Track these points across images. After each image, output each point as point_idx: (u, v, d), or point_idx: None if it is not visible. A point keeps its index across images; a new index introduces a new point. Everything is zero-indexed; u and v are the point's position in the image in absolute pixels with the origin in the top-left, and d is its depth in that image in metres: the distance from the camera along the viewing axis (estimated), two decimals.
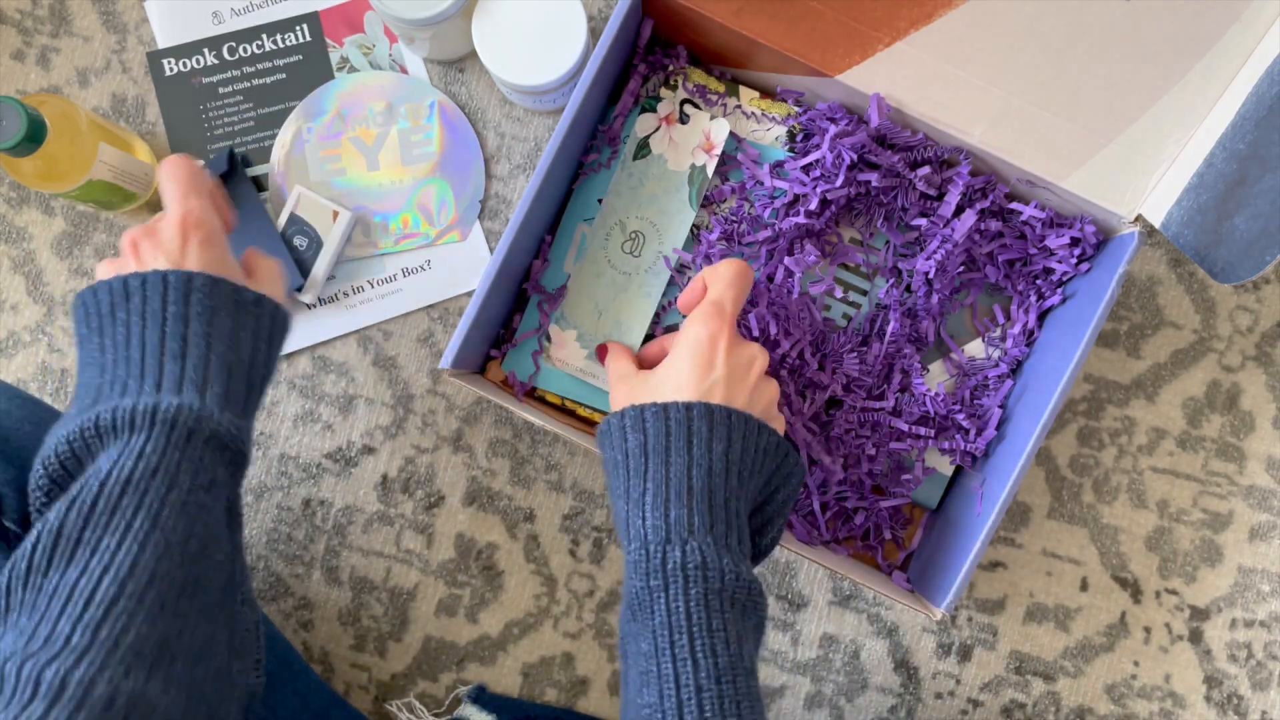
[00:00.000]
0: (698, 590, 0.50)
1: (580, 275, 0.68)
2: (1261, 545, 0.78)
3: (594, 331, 0.68)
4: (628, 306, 0.68)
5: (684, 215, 0.66)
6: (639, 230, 0.67)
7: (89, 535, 0.46)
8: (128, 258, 0.56)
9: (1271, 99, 0.60)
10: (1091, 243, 0.68)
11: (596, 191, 0.72)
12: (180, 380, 0.52)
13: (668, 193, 0.67)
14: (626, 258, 0.67)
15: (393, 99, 0.79)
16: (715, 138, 0.65)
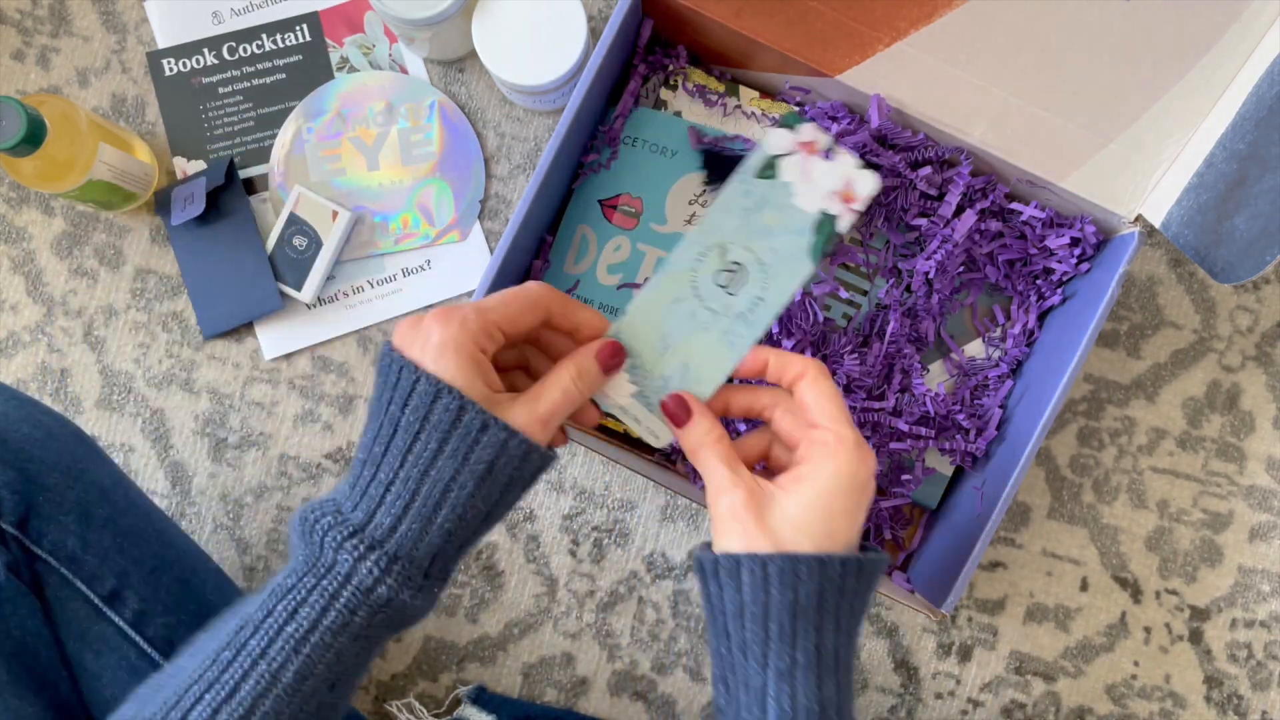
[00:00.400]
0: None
1: (653, 292, 0.53)
2: (1261, 545, 0.78)
3: (652, 367, 0.53)
4: (703, 352, 0.53)
5: (799, 266, 0.53)
6: (742, 263, 0.53)
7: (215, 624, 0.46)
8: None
9: (1271, 99, 0.60)
10: (1091, 243, 0.68)
11: (597, 192, 0.72)
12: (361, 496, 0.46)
13: (787, 232, 0.53)
14: (718, 291, 0.53)
15: (393, 99, 0.79)
16: (859, 189, 0.52)
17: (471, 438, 0.45)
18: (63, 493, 0.58)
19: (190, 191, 0.76)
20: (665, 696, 0.78)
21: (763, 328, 0.53)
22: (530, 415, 0.46)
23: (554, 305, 0.49)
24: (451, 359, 0.45)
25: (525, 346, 0.52)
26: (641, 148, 0.72)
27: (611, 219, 0.72)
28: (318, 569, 0.44)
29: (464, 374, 0.45)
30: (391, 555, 0.44)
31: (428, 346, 0.45)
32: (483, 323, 0.46)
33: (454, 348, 0.45)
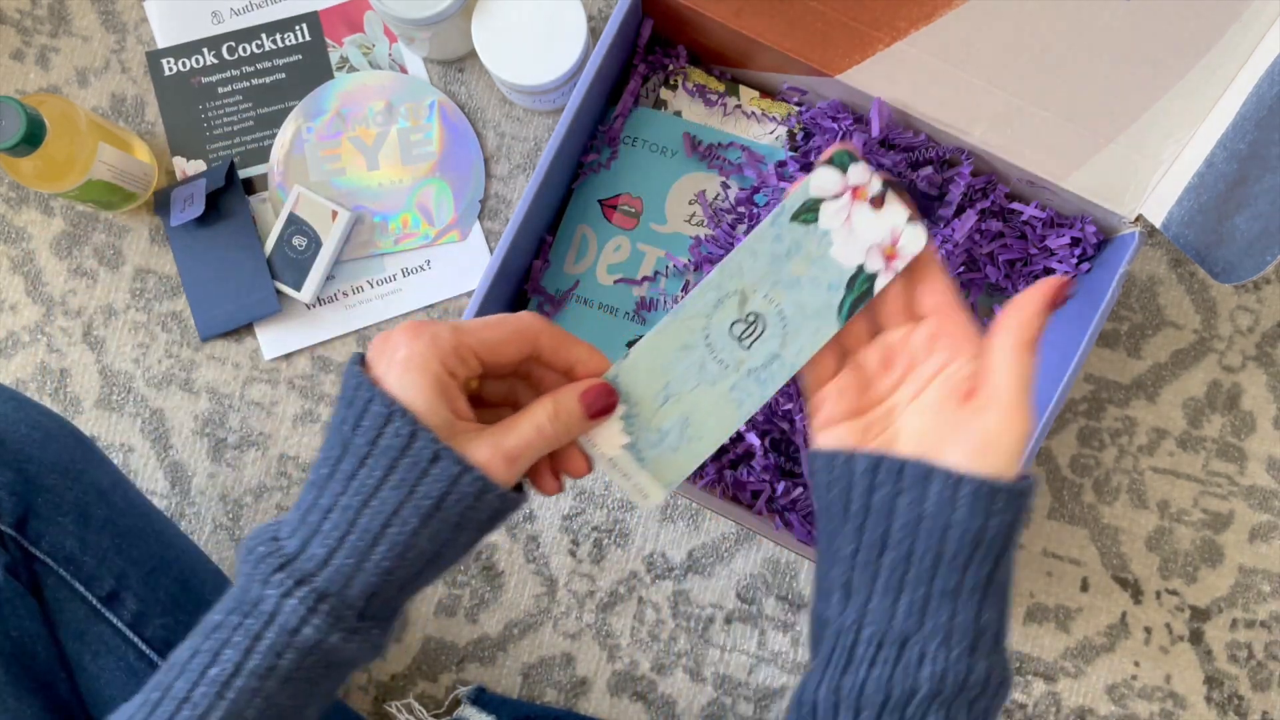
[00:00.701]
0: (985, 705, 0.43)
1: (661, 335, 0.48)
2: (1262, 545, 0.78)
3: (649, 419, 0.48)
4: (707, 407, 0.48)
5: (824, 325, 0.47)
6: (761, 314, 0.48)
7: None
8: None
9: (1272, 99, 0.59)
10: (1092, 243, 0.68)
11: (597, 192, 0.72)
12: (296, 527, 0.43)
13: (817, 285, 0.47)
14: (732, 343, 0.48)
15: (392, 99, 0.79)
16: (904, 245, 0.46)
17: (420, 469, 0.41)
18: (61, 494, 0.58)
19: (190, 192, 0.76)
20: (665, 697, 0.78)
21: (775, 388, 0.48)
22: (494, 450, 0.42)
23: (545, 338, 0.45)
24: (415, 378, 0.41)
25: (515, 381, 0.47)
26: (641, 147, 0.72)
27: (611, 219, 0.72)
28: (243, 605, 0.41)
29: (424, 397, 0.41)
30: (320, 592, 0.41)
31: (393, 362, 0.41)
32: (456, 343, 0.42)
33: (419, 366, 0.41)
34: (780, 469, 0.70)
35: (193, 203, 0.76)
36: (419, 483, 0.41)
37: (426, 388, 0.41)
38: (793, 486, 0.69)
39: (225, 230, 0.77)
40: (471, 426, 0.42)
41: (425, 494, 0.41)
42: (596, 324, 0.72)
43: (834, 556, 0.45)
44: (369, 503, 0.41)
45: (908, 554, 0.43)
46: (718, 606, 0.78)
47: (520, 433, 0.43)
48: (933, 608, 0.43)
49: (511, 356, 0.44)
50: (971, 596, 0.43)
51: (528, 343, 0.44)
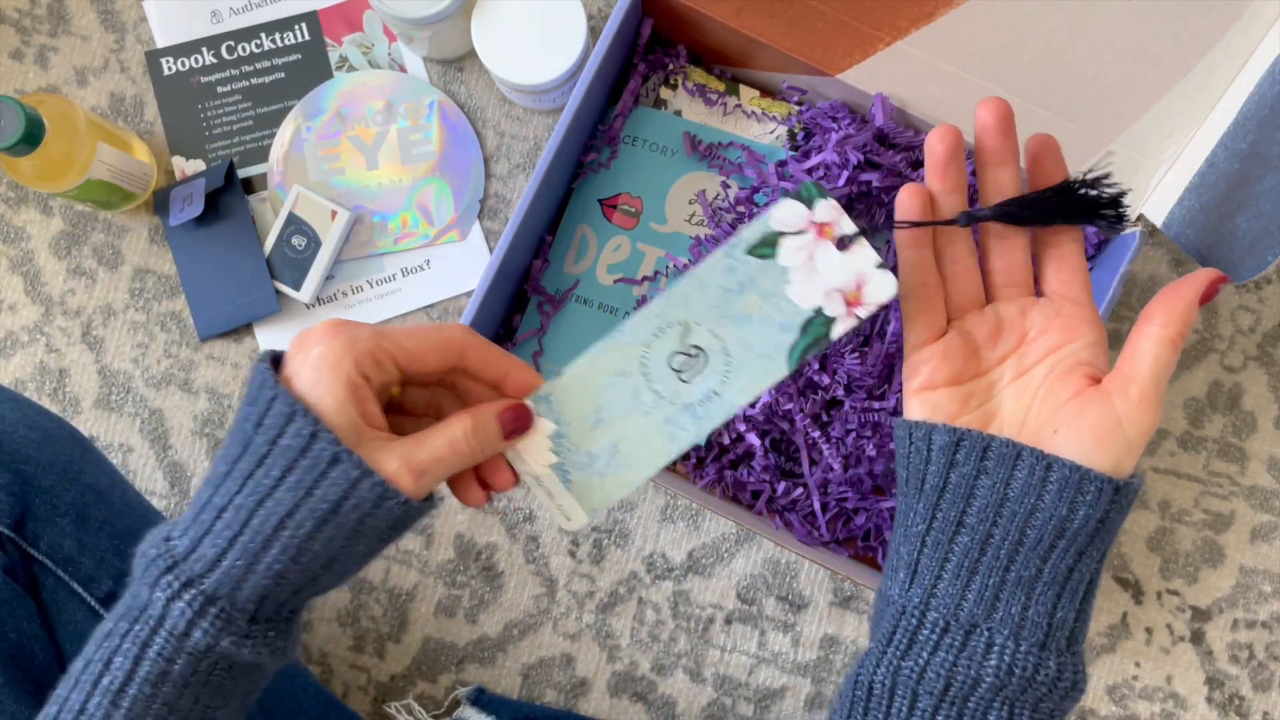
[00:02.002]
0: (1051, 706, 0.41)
1: (595, 359, 0.46)
2: (1263, 546, 0.78)
3: (578, 440, 0.46)
4: (639, 437, 0.46)
5: (771, 368, 0.45)
6: (704, 349, 0.46)
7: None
8: None
9: (1273, 98, 0.59)
10: (1093, 242, 0.68)
11: (597, 192, 0.72)
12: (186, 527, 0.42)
13: (768, 325, 0.45)
14: (670, 375, 0.46)
15: (392, 98, 0.79)
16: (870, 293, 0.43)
17: (319, 471, 0.39)
18: (59, 494, 0.58)
19: (189, 192, 0.76)
20: (665, 697, 0.78)
21: (712, 425, 0.46)
22: (403, 462, 0.40)
23: (472, 352, 0.43)
24: (326, 377, 0.40)
25: (440, 392, 0.46)
26: (641, 147, 0.72)
27: (611, 218, 0.72)
28: (132, 611, 0.40)
29: (333, 398, 0.39)
30: (209, 595, 0.40)
31: (306, 360, 0.40)
32: (375, 347, 0.41)
33: (331, 365, 0.40)
34: (780, 469, 0.70)
35: (192, 202, 0.76)
36: (316, 485, 0.39)
37: (337, 389, 0.40)
38: (793, 487, 0.69)
39: (224, 230, 0.77)
40: (383, 434, 0.41)
41: (322, 497, 0.39)
42: (596, 323, 0.72)
43: (905, 534, 0.43)
44: (263, 503, 0.39)
45: (984, 538, 0.41)
46: (718, 607, 0.78)
47: (432, 446, 0.41)
48: (1005, 596, 0.41)
49: (434, 366, 0.43)
50: (1049, 589, 0.41)
51: (452, 354, 0.43)
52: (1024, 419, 0.43)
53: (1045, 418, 0.42)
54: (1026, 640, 0.40)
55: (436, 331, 0.43)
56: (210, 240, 0.78)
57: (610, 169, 0.72)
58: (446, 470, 0.42)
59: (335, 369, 0.40)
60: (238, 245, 0.77)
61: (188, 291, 0.78)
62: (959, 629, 0.41)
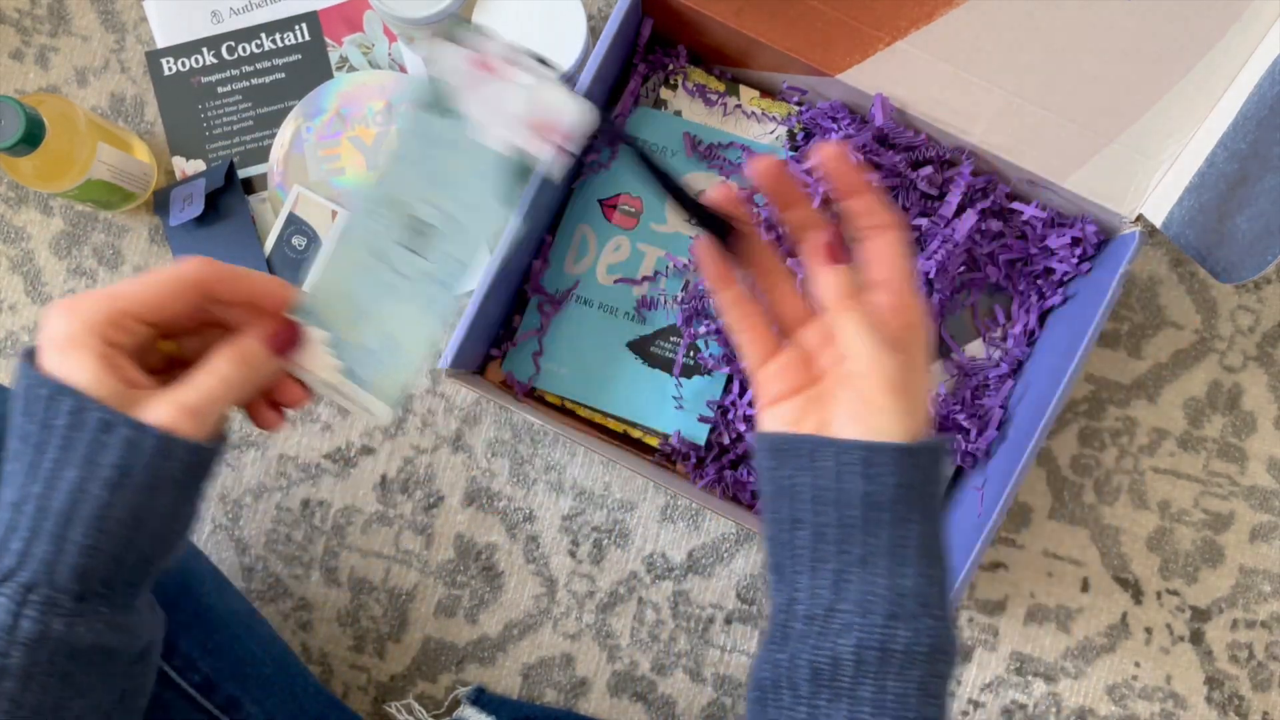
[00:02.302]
0: (920, 672, 0.42)
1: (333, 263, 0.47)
2: (1263, 546, 0.78)
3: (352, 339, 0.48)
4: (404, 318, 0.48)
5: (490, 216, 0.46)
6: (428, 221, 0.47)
7: None
8: None
9: (1273, 98, 0.59)
10: (1092, 242, 0.68)
11: (597, 192, 0.72)
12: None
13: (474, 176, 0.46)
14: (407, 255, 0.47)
15: (392, 98, 0.79)
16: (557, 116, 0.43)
17: (97, 441, 0.40)
18: None
19: (189, 192, 0.76)
20: (665, 697, 0.78)
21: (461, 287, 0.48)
22: (175, 407, 0.41)
23: (218, 283, 0.44)
24: (74, 356, 0.40)
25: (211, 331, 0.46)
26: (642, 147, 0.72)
27: (611, 219, 0.72)
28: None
29: (87, 372, 0.40)
30: (26, 584, 0.40)
31: (51, 345, 0.41)
32: (110, 313, 0.41)
33: (75, 344, 0.40)
34: None
35: (192, 202, 0.76)
36: (98, 455, 0.40)
37: (88, 363, 0.40)
38: None
39: (224, 230, 0.77)
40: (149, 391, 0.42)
41: (107, 464, 0.40)
42: (597, 324, 0.72)
43: (768, 540, 0.46)
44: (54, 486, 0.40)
45: (816, 530, 0.44)
46: (718, 607, 0.78)
47: (200, 385, 0.42)
48: (847, 578, 0.43)
49: (180, 309, 0.43)
50: (884, 561, 0.43)
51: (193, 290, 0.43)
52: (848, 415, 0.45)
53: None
54: (874, 614, 0.42)
55: (171, 273, 0.43)
56: (210, 240, 0.78)
57: (610, 169, 0.72)
58: (223, 404, 0.43)
59: (81, 347, 0.40)
60: (238, 245, 0.77)
61: None
62: (821, 616, 0.43)
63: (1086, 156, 0.65)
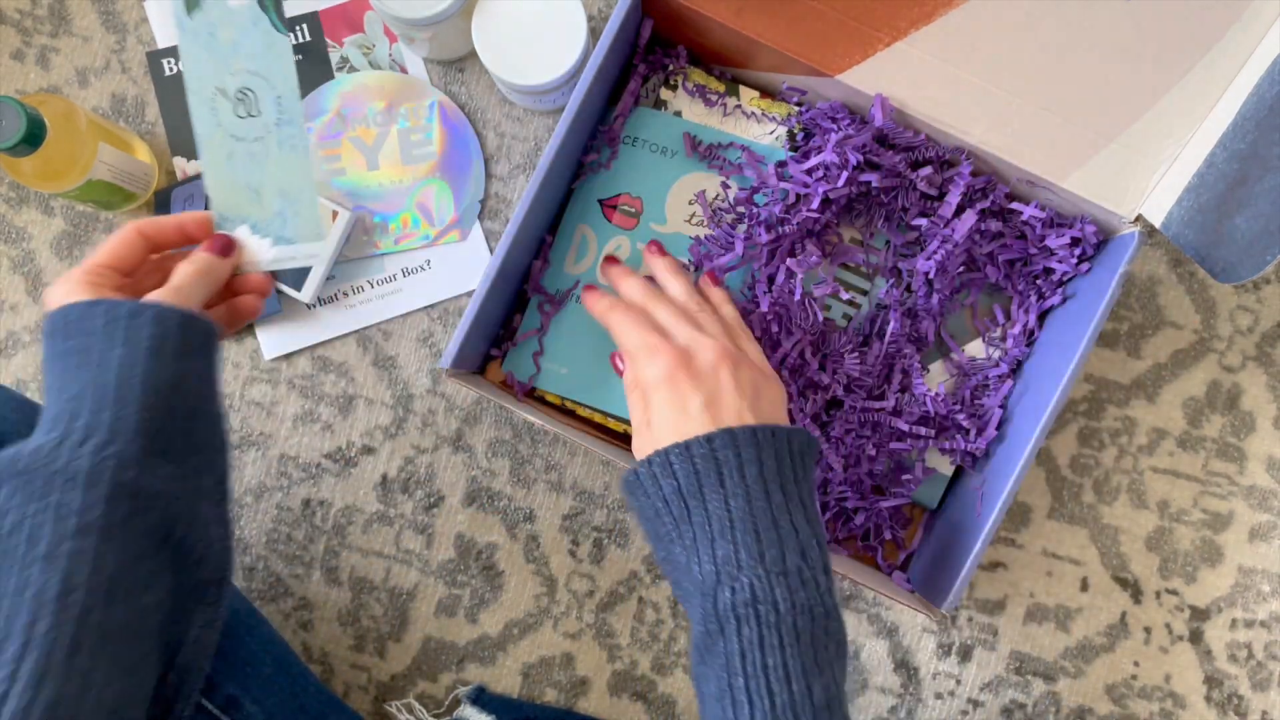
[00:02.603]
0: (750, 629, 0.48)
1: (207, 166, 0.59)
2: (1262, 545, 0.78)
3: (263, 215, 0.60)
4: (282, 171, 0.59)
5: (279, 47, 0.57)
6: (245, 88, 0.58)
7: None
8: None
9: (1272, 99, 0.60)
10: (1092, 243, 0.68)
11: (597, 192, 0.72)
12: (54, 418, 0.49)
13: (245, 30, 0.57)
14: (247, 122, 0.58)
15: (393, 99, 0.79)
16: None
17: (132, 323, 0.51)
18: None
19: (190, 192, 0.76)
20: (665, 696, 0.78)
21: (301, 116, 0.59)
22: (165, 296, 0.54)
23: (147, 227, 0.58)
24: (80, 290, 0.53)
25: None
26: (641, 147, 0.72)
27: (611, 219, 0.72)
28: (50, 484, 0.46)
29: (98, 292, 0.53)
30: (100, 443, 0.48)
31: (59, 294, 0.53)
32: (88, 268, 0.55)
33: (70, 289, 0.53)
34: None
35: (193, 203, 0.76)
36: (136, 334, 0.51)
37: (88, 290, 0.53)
38: None
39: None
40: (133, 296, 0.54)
41: (144, 337, 0.51)
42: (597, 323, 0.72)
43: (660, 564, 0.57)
44: (106, 366, 0.50)
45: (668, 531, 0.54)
46: None
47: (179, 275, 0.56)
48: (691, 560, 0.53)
49: (132, 253, 0.57)
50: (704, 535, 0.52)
51: (135, 234, 0.57)
52: None
53: None
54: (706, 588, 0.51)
55: (118, 234, 0.57)
56: None
57: (610, 169, 0.72)
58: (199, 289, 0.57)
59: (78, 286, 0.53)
60: None
61: None
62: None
63: (1086, 156, 0.65)
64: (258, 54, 0.57)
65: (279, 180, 0.60)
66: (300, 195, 0.60)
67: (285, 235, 0.61)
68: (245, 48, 0.57)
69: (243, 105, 0.58)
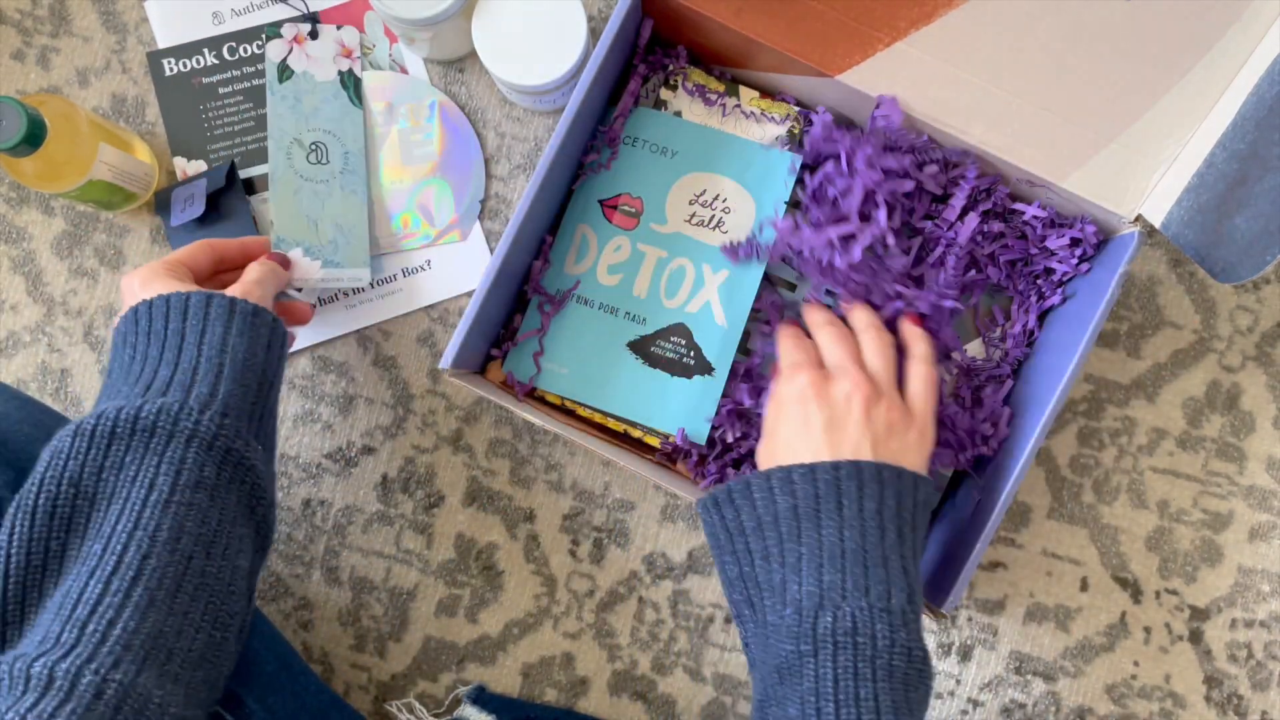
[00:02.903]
0: (846, 657, 0.49)
1: (277, 200, 0.73)
2: (1261, 545, 0.78)
3: (318, 242, 0.73)
4: (341, 209, 0.73)
5: (353, 116, 0.75)
6: (318, 142, 0.73)
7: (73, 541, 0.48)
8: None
9: (1272, 99, 0.60)
10: (1092, 243, 0.68)
11: (597, 192, 0.72)
12: (168, 383, 0.53)
13: (328, 102, 0.74)
14: (316, 168, 0.72)
15: (393, 99, 0.79)
16: (349, 42, 0.74)
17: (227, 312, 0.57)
18: None
19: (190, 193, 0.76)
20: (665, 696, 0.78)
21: (365, 169, 0.75)
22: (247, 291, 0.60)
23: (219, 246, 0.65)
24: (158, 284, 0.58)
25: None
26: (642, 148, 0.72)
27: (612, 219, 0.72)
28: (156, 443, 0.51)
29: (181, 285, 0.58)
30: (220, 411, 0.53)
31: (140, 286, 0.58)
32: (169, 262, 0.60)
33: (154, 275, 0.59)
34: None
35: (193, 203, 0.76)
36: (229, 321, 0.56)
37: (171, 283, 0.58)
38: None
39: (224, 231, 0.77)
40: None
41: (237, 324, 0.56)
42: (597, 324, 0.72)
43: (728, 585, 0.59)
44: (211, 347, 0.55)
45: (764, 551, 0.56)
46: (718, 606, 0.78)
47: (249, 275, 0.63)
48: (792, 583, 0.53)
49: (208, 263, 0.64)
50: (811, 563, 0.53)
51: (209, 248, 0.64)
52: None
53: None
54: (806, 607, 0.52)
55: (189, 246, 0.63)
56: None
57: (610, 169, 0.72)
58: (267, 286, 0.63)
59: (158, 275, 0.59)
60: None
61: None
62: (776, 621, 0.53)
63: (1086, 157, 0.65)
64: (335, 118, 0.74)
65: (336, 216, 0.73)
66: (353, 230, 0.73)
67: (335, 260, 0.73)
68: (324, 113, 0.73)
69: (314, 154, 0.72)
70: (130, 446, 0.50)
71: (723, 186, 0.72)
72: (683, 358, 0.71)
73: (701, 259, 0.71)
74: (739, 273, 0.71)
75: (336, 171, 0.73)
